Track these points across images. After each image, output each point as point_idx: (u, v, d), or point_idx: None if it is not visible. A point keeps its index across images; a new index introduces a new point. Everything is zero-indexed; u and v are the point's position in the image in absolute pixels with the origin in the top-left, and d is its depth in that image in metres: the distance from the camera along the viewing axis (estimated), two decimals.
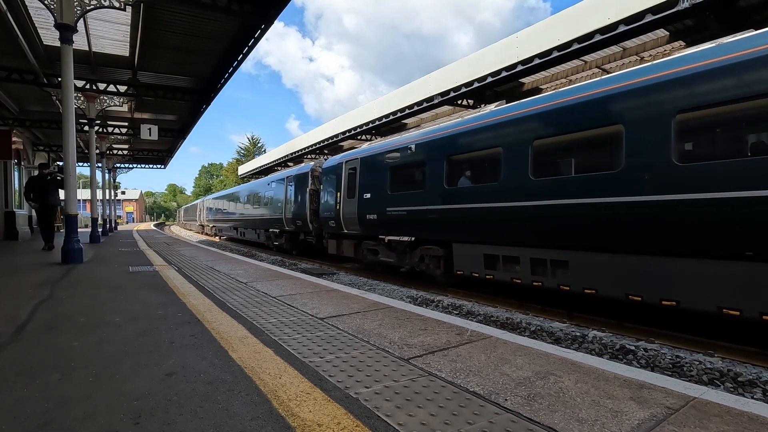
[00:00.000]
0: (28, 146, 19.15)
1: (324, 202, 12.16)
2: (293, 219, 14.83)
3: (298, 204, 14.41)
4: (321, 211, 12.32)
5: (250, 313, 3.61)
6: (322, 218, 12.26)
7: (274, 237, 17.38)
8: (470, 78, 12.72)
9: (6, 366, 2.33)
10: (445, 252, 7.99)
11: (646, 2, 8.12)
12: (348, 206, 10.66)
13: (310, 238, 14.08)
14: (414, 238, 8.69)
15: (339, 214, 11.06)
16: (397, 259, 9.42)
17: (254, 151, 72.87)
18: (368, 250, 10.45)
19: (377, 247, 9.99)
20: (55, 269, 6.58)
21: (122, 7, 7.66)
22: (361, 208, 10.10)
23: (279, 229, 16.56)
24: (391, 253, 9.56)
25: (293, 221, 14.86)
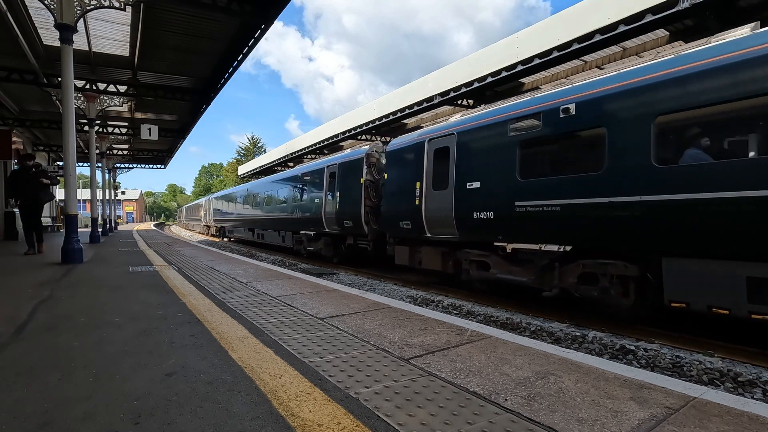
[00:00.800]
0: (28, 146, 19.16)
1: (390, 195, 9.43)
2: (338, 218, 11.72)
3: (347, 199, 11.37)
4: (386, 209, 9.59)
5: (250, 313, 3.61)
6: (386, 217, 9.55)
7: (307, 241, 14.29)
8: (470, 78, 12.72)
9: (6, 366, 2.33)
10: (640, 270, 5.26)
11: (646, 2, 8.12)
12: (435, 201, 7.98)
13: (363, 243, 11.12)
14: (570, 246, 5.94)
15: (419, 212, 8.29)
16: (534, 278, 6.46)
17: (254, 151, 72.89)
18: (472, 262, 7.63)
19: (488, 258, 7.25)
20: (55, 269, 6.58)
21: (122, 7, 7.66)
22: (462, 204, 7.35)
23: (315, 231, 13.45)
24: (517, 267, 6.73)
25: (338, 221, 11.76)
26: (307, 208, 13.90)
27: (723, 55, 4.47)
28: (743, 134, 4.51)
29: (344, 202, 11.50)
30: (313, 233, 13.75)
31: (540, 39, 10.40)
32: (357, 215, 10.86)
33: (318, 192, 13.10)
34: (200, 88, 13.67)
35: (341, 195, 11.73)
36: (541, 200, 6.00)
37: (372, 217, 10.57)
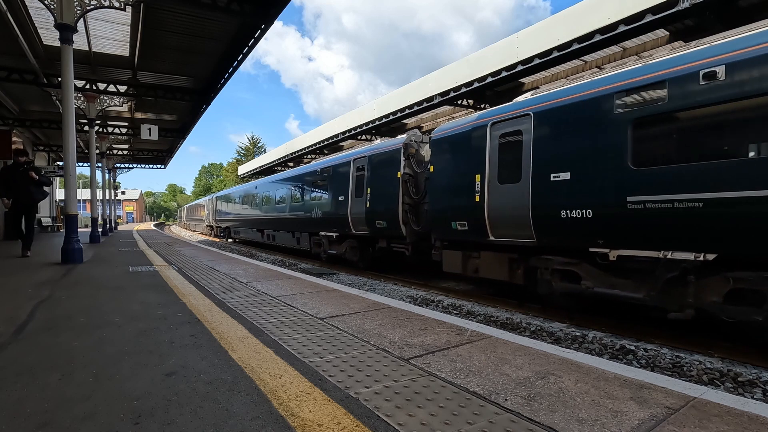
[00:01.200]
0: (28, 146, 19.14)
1: (438, 191, 7.92)
2: (368, 219, 10.26)
3: (380, 197, 9.94)
4: (433, 207, 8.11)
5: (250, 313, 3.61)
6: (433, 217, 8.11)
7: (328, 243, 12.70)
8: (470, 78, 12.72)
9: (6, 366, 2.33)
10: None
11: (646, 2, 8.12)
12: (502, 197, 6.62)
13: (399, 247, 9.70)
14: (714, 255, 4.43)
15: (479, 211, 6.89)
16: (654, 294, 4.96)
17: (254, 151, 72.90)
18: (554, 272, 6.18)
19: (578, 267, 5.84)
20: (54, 269, 6.58)
21: (122, 7, 7.66)
22: (542, 200, 5.97)
23: (338, 233, 11.91)
24: (625, 280, 5.30)
25: (368, 222, 10.28)
26: (328, 207, 12.27)
27: None
28: None
29: (377, 200, 10.02)
30: (336, 235, 12.06)
31: (540, 39, 10.40)
32: (393, 215, 9.39)
33: (342, 189, 11.48)
34: (200, 88, 13.66)
35: (373, 192, 10.19)
36: (671, 194, 4.60)
37: (411, 216, 9.16)
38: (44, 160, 22.84)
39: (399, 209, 9.24)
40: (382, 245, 10.32)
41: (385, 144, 10.38)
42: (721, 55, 4.40)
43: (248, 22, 9.20)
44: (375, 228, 10.15)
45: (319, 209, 12.92)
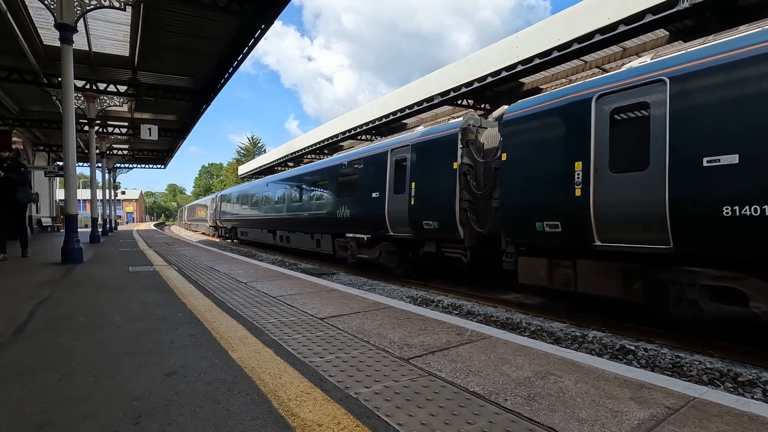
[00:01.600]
0: (28, 146, 19.17)
1: (516, 183, 6.41)
2: (413, 218, 8.69)
3: (429, 192, 8.40)
4: (508, 203, 6.49)
5: (250, 313, 3.61)
6: (510, 216, 6.51)
7: (357, 246, 11.04)
8: (470, 78, 12.73)
9: (6, 366, 2.33)
10: None
11: (646, 2, 8.12)
12: (614, 190, 5.18)
13: (454, 252, 8.17)
14: None
15: (581, 207, 5.44)
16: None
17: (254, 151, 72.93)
18: (705, 289, 4.65)
19: (744, 285, 4.34)
20: (54, 269, 6.58)
21: (122, 7, 7.67)
22: (686, 193, 4.53)
23: (371, 235, 10.32)
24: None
25: (413, 222, 8.72)
26: (358, 206, 10.68)
27: None
28: None
29: (424, 196, 8.50)
30: (368, 237, 10.42)
31: (540, 39, 10.41)
32: (448, 213, 7.83)
33: (377, 184, 9.91)
34: (200, 88, 13.67)
35: (419, 187, 8.64)
36: None
37: (471, 215, 7.62)
38: (44, 160, 22.85)
39: (456, 207, 7.66)
40: (429, 249, 8.73)
41: (434, 130, 8.72)
42: None
43: (248, 22, 9.20)
44: (421, 229, 8.56)
45: (347, 208, 11.16)
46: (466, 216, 7.67)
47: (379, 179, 9.90)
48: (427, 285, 8.81)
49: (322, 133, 23.79)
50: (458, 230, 7.78)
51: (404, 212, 8.93)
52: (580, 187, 5.48)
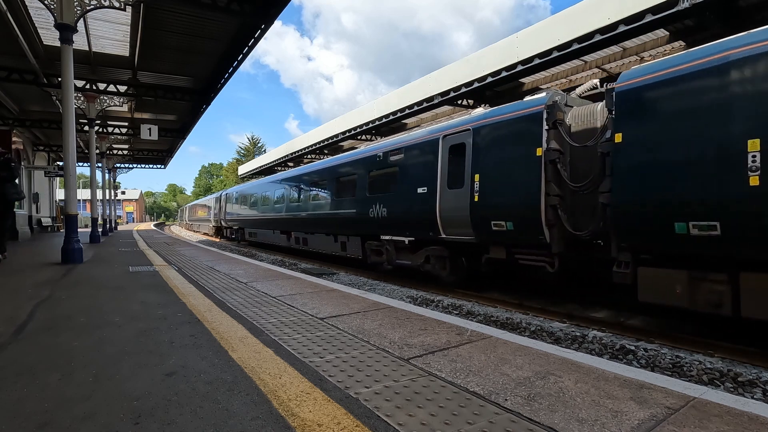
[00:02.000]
0: (28, 146, 19.17)
1: (642, 171, 4.97)
2: (478, 217, 7.22)
3: (501, 185, 6.96)
4: (630, 198, 5.07)
5: (250, 313, 3.61)
6: (634, 214, 5.06)
7: (395, 251, 9.59)
8: (470, 78, 12.72)
9: (6, 366, 2.33)
10: None
11: (646, 2, 8.12)
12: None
13: (532, 259, 6.80)
14: None
15: (755, 201, 4.07)
16: None
17: (254, 151, 72.94)
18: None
19: None
20: (54, 269, 6.58)
21: (122, 7, 7.67)
22: None
23: (414, 237, 8.85)
24: None
25: (477, 222, 7.24)
26: (398, 203, 9.21)
27: None
28: None
29: (493, 191, 7.01)
30: (410, 240, 8.95)
31: (540, 39, 10.40)
32: (529, 212, 6.37)
33: (424, 177, 8.44)
34: (200, 88, 13.67)
35: (485, 179, 7.11)
36: None
37: (563, 213, 6.15)
38: (44, 160, 22.85)
39: (541, 204, 6.22)
40: (496, 256, 7.26)
41: (503, 110, 7.20)
42: None
43: (248, 22, 9.20)
44: (487, 231, 7.05)
45: (382, 207, 9.69)
46: (554, 215, 6.18)
47: (426, 172, 8.41)
48: (427, 285, 8.81)
49: (322, 133, 23.79)
50: (543, 233, 6.22)
51: (463, 211, 7.42)
52: (757, 175, 4.03)
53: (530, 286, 7.82)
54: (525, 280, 7.93)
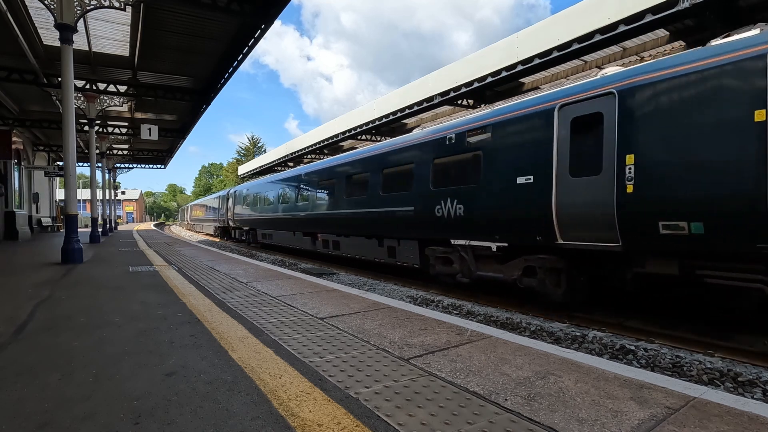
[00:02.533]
0: (28, 146, 19.17)
1: None
2: (637, 216, 5.10)
3: (679, 169, 4.79)
4: None
5: (250, 313, 3.61)
6: None
7: (475, 260, 7.53)
8: (470, 78, 12.73)
9: (6, 366, 2.33)
10: None
11: (646, 2, 8.12)
12: None
13: (742, 278, 4.57)
14: None
15: None
16: None
17: (254, 151, 72.95)
18: None
19: None
20: (54, 269, 6.58)
21: (122, 7, 7.67)
22: None
23: (508, 243, 6.85)
24: None
25: (632, 223, 5.16)
26: (483, 198, 7.12)
27: None
28: None
29: (668, 177, 4.92)
30: (500, 246, 6.95)
31: (540, 39, 10.40)
32: (741, 205, 4.35)
33: (529, 162, 6.37)
34: (200, 88, 13.67)
35: (649, 160, 5.05)
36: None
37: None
38: (44, 160, 22.85)
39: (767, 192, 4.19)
40: (658, 270, 5.30)
41: (679, 59, 5.02)
42: None
43: (248, 22, 9.20)
44: (650, 235, 5.01)
45: (456, 203, 7.58)
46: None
47: (530, 155, 6.40)
48: (427, 285, 8.81)
49: (322, 133, 23.79)
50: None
51: (602, 207, 5.37)
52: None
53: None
54: (715, 310, 5.50)
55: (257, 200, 19.07)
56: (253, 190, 20.20)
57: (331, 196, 12.33)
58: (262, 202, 18.46)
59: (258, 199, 18.99)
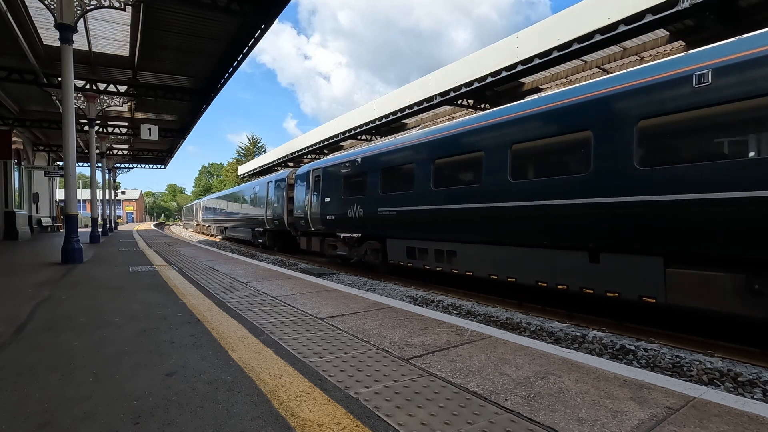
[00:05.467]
0: (28, 146, 19.17)
1: None
2: None
3: None
4: None
5: (250, 313, 3.61)
6: None
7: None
8: (470, 78, 12.73)
9: (6, 366, 2.33)
10: None
11: (646, 2, 8.12)
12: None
13: None
14: None
15: None
16: None
17: (254, 151, 72.96)
18: None
19: None
20: (54, 269, 6.58)
21: (122, 7, 7.67)
22: None
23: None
24: None
25: None
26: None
27: None
28: None
29: None
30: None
31: (540, 39, 10.41)
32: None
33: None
34: (200, 88, 13.67)
35: None
36: None
37: None
38: (44, 160, 22.86)
39: None
40: None
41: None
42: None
43: (248, 21, 9.20)
44: None
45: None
46: None
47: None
48: (427, 285, 8.80)
49: (322, 133, 23.81)
50: None
51: None
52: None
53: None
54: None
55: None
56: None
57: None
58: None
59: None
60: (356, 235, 10.77)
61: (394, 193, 9.43)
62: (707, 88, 4.70)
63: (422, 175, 8.58)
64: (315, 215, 12.67)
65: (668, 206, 4.83)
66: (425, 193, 8.46)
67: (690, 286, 4.74)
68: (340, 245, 11.71)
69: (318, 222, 12.56)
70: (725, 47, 4.70)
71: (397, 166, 9.55)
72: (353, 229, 10.83)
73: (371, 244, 10.39)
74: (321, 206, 12.32)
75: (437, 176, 8.32)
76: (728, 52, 4.65)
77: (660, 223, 4.92)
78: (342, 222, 11.23)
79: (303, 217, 13.56)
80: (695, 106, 4.79)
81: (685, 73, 4.89)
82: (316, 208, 12.59)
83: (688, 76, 4.86)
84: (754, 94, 4.33)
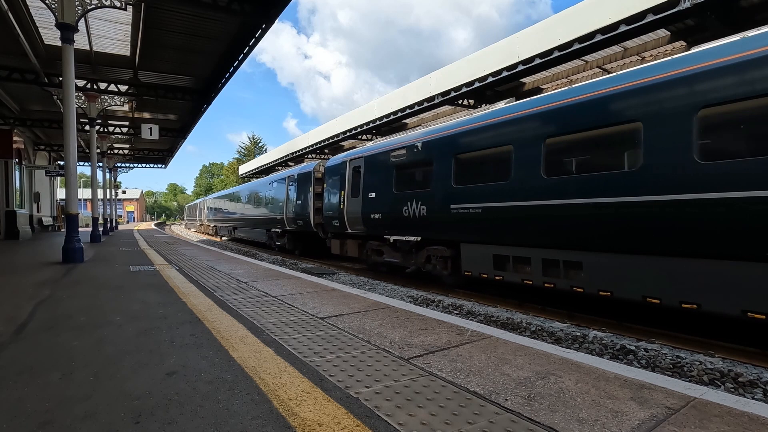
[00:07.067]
0: (29, 145, 19.19)
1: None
2: None
3: None
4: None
5: (251, 312, 3.61)
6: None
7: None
8: (471, 78, 12.72)
9: (6, 365, 2.33)
10: None
11: (647, 2, 8.11)
12: None
13: None
14: None
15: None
16: None
17: (255, 151, 72.98)
18: None
19: None
20: (55, 269, 6.59)
21: (123, 7, 7.68)
22: None
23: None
24: None
25: None
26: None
27: None
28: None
29: None
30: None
31: (541, 39, 10.39)
32: None
33: None
34: (201, 88, 13.68)
35: None
36: None
37: None
38: (45, 160, 22.88)
39: None
40: None
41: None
42: None
43: (249, 21, 9.21)
44: None
45: None
46: None
47: None
48: (428, 285, 8.80)
49: (322, 133, 23.81)
50: None
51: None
52: None
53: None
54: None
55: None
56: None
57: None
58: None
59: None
60: (414, 238, 8.68)
61: (476, 185, 7.29)
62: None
63: (526, 160, 6.42)
64: (353, 214, 10.51)
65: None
66: (531, 183, 6.34)
67: None
68: (389, 251, 9.61)
69: (357, 222, 10.40)
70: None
71: (481, 150, 7.37)
72: (409, 231, 8.75)
73: (436, 250, 8.27)
74: (362, 203, 10.16)
75: (551, 161, 6.19)
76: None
77: None
78: (393, 222, 9.18)
79: (336, 217, 11.31)
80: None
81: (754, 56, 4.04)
82: (356, 205, 10.41)
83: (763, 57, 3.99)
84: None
